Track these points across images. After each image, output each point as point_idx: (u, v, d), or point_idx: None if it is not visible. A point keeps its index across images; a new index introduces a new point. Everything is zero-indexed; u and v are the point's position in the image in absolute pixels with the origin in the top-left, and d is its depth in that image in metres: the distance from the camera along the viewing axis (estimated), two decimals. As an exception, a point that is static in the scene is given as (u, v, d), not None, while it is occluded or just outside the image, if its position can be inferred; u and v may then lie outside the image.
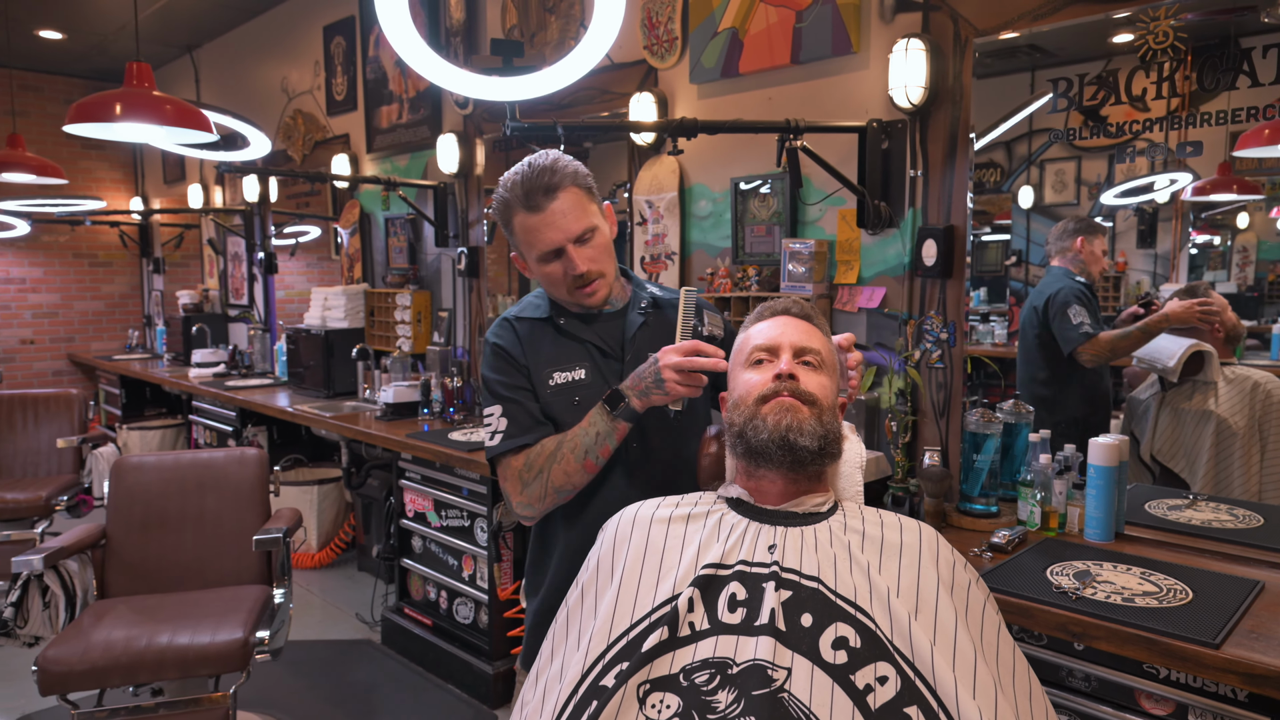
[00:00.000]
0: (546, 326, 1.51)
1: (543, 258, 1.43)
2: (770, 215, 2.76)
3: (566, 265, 1.41)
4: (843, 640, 0.95)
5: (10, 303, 6.76)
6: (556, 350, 1.48)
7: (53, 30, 5.67)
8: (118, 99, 2.59)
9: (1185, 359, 2.17)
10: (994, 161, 2.31)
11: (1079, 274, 2.25)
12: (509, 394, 1.46)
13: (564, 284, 1.44)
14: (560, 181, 1.39)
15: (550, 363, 1.48)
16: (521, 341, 1.49)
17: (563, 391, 1.46)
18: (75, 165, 6.88)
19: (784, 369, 1.17)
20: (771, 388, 1.17)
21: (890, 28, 2.39)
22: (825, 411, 1.16)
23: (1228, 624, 1.44)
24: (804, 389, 1.16)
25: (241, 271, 5.92)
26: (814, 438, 1.12)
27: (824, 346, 1.24)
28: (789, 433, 1.12)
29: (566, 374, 1.47)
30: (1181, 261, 2.15)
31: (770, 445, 1.12)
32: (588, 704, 0.96)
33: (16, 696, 3.05)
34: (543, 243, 1.41)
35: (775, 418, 1.13)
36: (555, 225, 1.39)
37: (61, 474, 4.28)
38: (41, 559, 2.33)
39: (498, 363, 1.49)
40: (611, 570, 1.12)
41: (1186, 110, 2.01)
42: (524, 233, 1.42)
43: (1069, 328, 2.22)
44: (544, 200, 1.39)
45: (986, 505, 2.12)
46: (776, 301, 1.31)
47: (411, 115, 4.25)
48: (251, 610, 2.47)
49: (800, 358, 1.21)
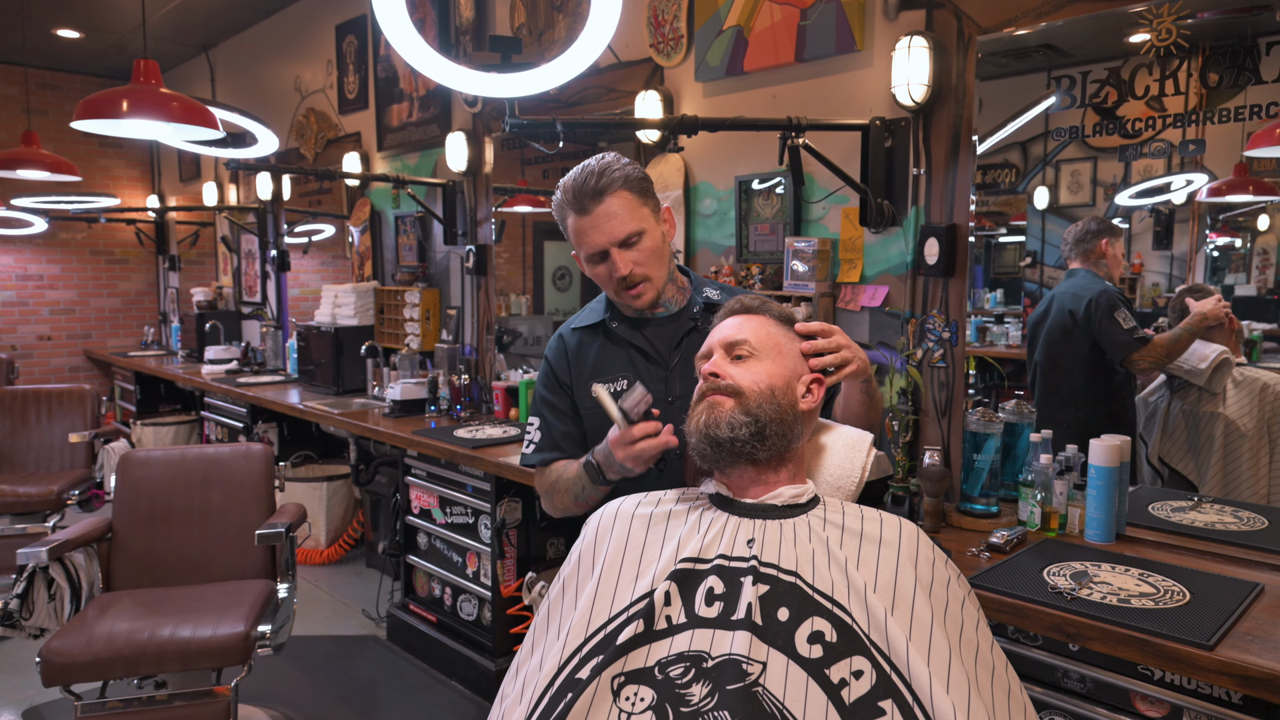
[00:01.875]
0: (597, 332, 1.57)
1: (590, 259, 1.47)
2: (774, 213, 2.76)
3: (611, 268, 1.45)
4: (819, 635, 0.95)
5: (28, 299, 6.85)
6: (602, 359, 1.54)
7: (70, 29, 5.74)
8: (124, 96, 2.61)
9: (1216, 364, 2.14)
10: (1009, 162, 2.29)
11: (1104, 277, 2.22)
12: (546, 410, 1.59)
13: (611, 285, 1.49)
14: (608, 185, 1.42)
15: (597, 372, 1.53)
16: (569, 355, 1.57)
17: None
18: (93, 163, 6.97)
19: (706, 368, 1.22)
20: (699, 390, 1.22)
21: (894, 25, 2.38)
22: (753, 398, 1.17)
23: (1223, 626, 1.42)
24: (725, 382, 1.19)
25: (255, 269, 5.97)
26: (734, 427, 1.15)
27: (755, 335, 1.24)
28: (709, 428, 1.16)
29: (609, 384, 1.50)
30: (1198, 263, 2.12)
31: (701, 445, 1.18)
32: (563, 696, 0.96)
33: (23, 688, 3.09)
34: (588, 245, 1.45)
35: (700, 418, 1.18)
36: (599, 228, 1.43)
37: (74, 469, 4.34)
38: (46, 551, 2.36)
39: (545, 377, 1.61)
40: (593, 564, 1.12)
41: (1204, 110, 1.98)
42: (574, 234, 1.47)
43: (1120, 332, 2.13)
44: (591, 204, 1.42)
45: (987, 505, 2.10)
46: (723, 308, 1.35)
47: (421, 114, 4.27)
48: (254, 604, 2.49)
49: (732, 352, 1.23)
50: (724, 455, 1.16)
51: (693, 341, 1.49)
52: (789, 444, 1.19)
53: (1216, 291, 2.07)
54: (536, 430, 1.59)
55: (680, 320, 1.54)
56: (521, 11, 3.59)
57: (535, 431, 1.60)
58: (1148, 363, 2.14)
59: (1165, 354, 2.12)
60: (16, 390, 4.48)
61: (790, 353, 1.26)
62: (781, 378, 1.22)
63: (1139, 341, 2.12)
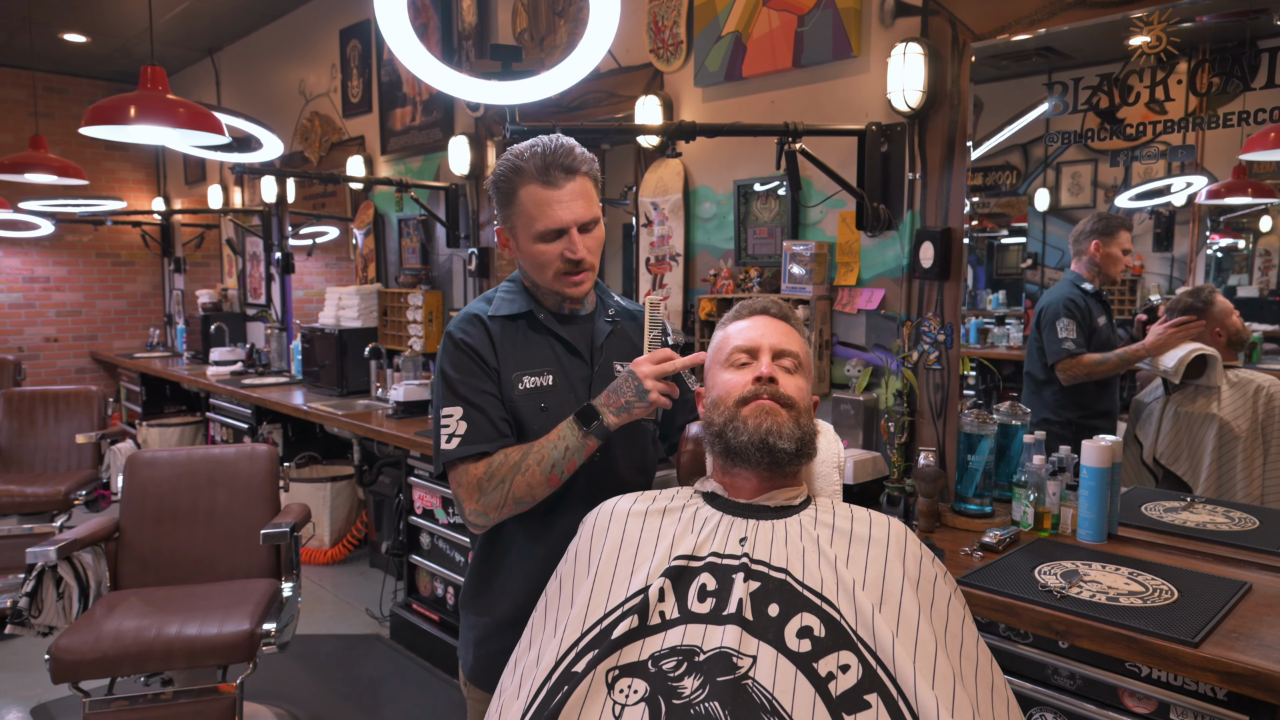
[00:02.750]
0: (519, 323, 1.47)
1: (543, 235, 1.39)
2: (772, 217, 2.79)
3: (566, 247, 1.39)
4: (807, 629, 0.98)
5: (35, 301, 6.90)
6: (527, 351, 1.45)
7: (77, 33, 5.79)
8: (132, 102, 2.66)
9: (1187, 363, 2.17)
10: (1010, 164, 2.31)
11: (1091, 278, 2.26)
12: (472, 396, 1.40)
13: (554, 267, 1.40)
14: (578, 165, 1.39)
15: (520, 365, 1.44)
16: (494, 340, 1.44)
17: (530, 396, 1.43)
18: (99, 166, 7.02)
19: (764, 372, 1.20)
20: (752, 390, 1.20)
21: (890, 32, 2.41)
22: (803, 414, 1.19)
23: (1209, 623, 1.44)
24: (783, 392, 1.19)
25: (260, 271, 6.02)
26: (792, 440, 1.16)
27: (801, 349, 1.27)
28: (769, 436, 1.15)
29: (535, 379, 1.44)
30: (1199, 265, 2.14)
31: (750, 448, 1.16)
32: (559, 689, 0.99)
33: (32, 685, 3.13)
34: (551, 219, 1.37)
35: (755, 421, 1.17)
36: (566, 205, 1.37)
37: (81, 469, 4.38)
38: (55, 550, 2.40)
39: (464, 361, 1.42)
40: (589, 561, 1.15)
41: (1204, 112, 2.01)
42: (532, 205, 1.38)
43: (1053, 341, 2.25)
44: (562, 178, 1.37)
45: (980, 505, 2.13)
46: (755, 300, 1.33)
47: (424, 117, 4.31)
48: (259, 603, 2.53)
49: (779, 360, 1.24)
50: (766, 462, 1.16)
51: (613, 344, 1.50)
52: (811, 460, 1.23)
53: (1216, 296, 2.10)
54: (460, 420, 1.39)
55: (598, 321, 1.51)
56: (524, 17, 3.63)
57: (458, 423, 1.39)
58: (1069, 375, 2.25)
59: (1087, 372, 2.25)
60: (24, 391, 4.52)
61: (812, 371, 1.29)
62: (809, 396, 1.26)
63: (1064, 353, 2.23)
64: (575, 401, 1.44)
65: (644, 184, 3.14)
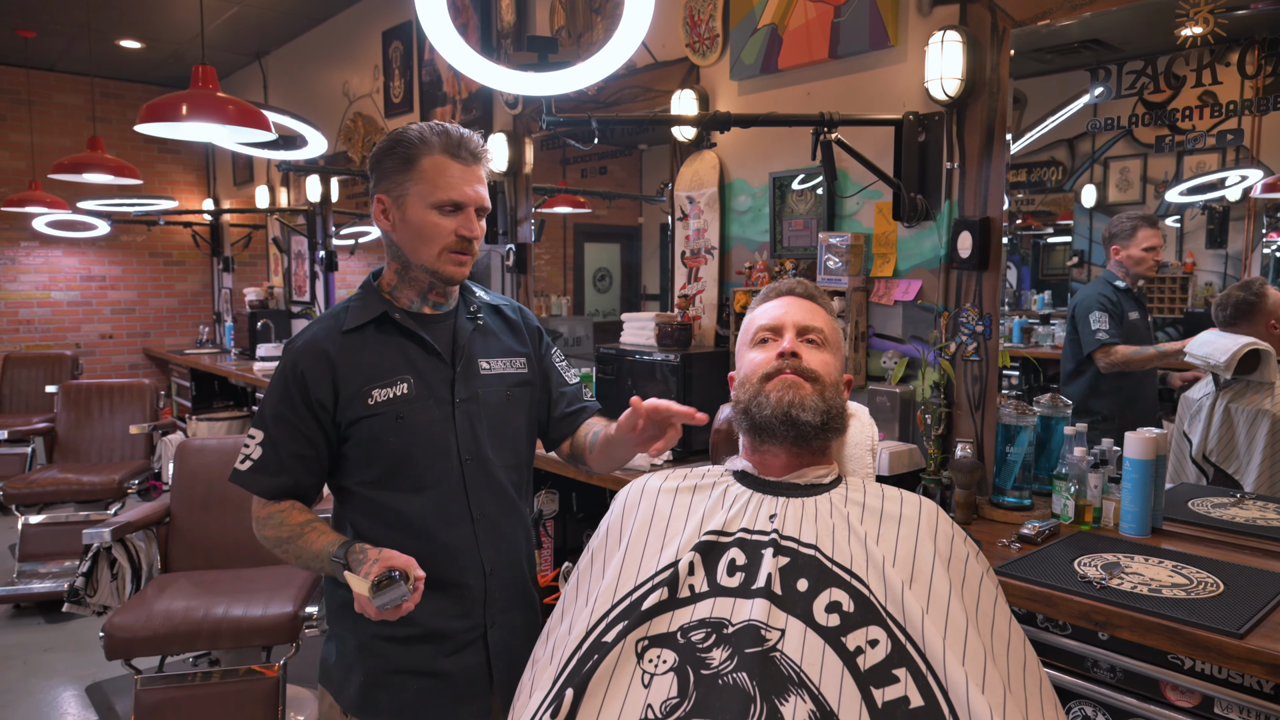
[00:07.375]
0: (366, 332, 1.41)
1: (441, 206, 1.36)
2: (808, 209, 2.78)
3: (463, 223, 1.37)
4: (836, 604, 0.98)
5: (91, 299, 7.13)
6: (377, 361, 1.40)
7: (132, 40, 5.99)
8: (184, 100, 2.74)
9: (1240, 357, 2.12)
10: (1055, 160, 2.27)
11: (1122, 278, 2.24)
12: (277, 426, 1.39)
13: (443, 242, 1.38)
14: (483, 155, 1.43)
15: (370, 378, 1.38)
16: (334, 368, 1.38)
17: (384, 409, 1.38)
18: (152, 168, 7.24)
19: (787, 347, 1.21)
20: (775, 365, 1.21)
21: (927, 20, 2.39)
22: (828, 388, 1.19)
23: (1255, 615, 1.41)
24: (806, 366, 1.19)
25: (304, 269, 6.15)
26: (816, 413, 1.16)
27: (827, 325, 1.27)
28: (791, 408, 1.16)
29: (388, 390, 1.38)
30: (1254, 262, 2.09)
31: (773, 421, 1.16)
32: (590, 657, 1.01)
33: (86, 665, 3.24)
34: (456, 191, 1.36)
35: (779, 394, 1.17)
36: (472, 184, 1.39)
37: (134, 459, 4.52)
38: (110, 531, 2.48)
39: (285, 393, 1.38)
40: (620, 536, 1.17)
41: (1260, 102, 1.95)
42: (436, 174, 1.35)
43: (1087, 332, 2.27)
44: (471, 160, 1.39)
45: (1019, 498, 2.10)
46: (781, 283, 1.35)
47: (464, 116, 4.37)
48: (302, 586, 2.59)
49: (804, 336, 1.24)
50: (791, 435, 1.16)
51: (478, 341, 1.48)
52: (839, 436, 1.23)
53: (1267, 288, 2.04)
54: (258, 446, 1.38)
55: (459, 319, 1.48)
56: (561, 14, 3.66)
57: (256, 447, 1.38)
58: (1106, 363, 2.27)
59: (1124, 362, 2.27)
60: (81, 384, 4.68)
61: (841, 348, 1.30)
62: (838, 372, 1.26)
63: (1098, 342, 2.26)
64: (437, 407, 1.41)
65: (679, 178, 3.15)
